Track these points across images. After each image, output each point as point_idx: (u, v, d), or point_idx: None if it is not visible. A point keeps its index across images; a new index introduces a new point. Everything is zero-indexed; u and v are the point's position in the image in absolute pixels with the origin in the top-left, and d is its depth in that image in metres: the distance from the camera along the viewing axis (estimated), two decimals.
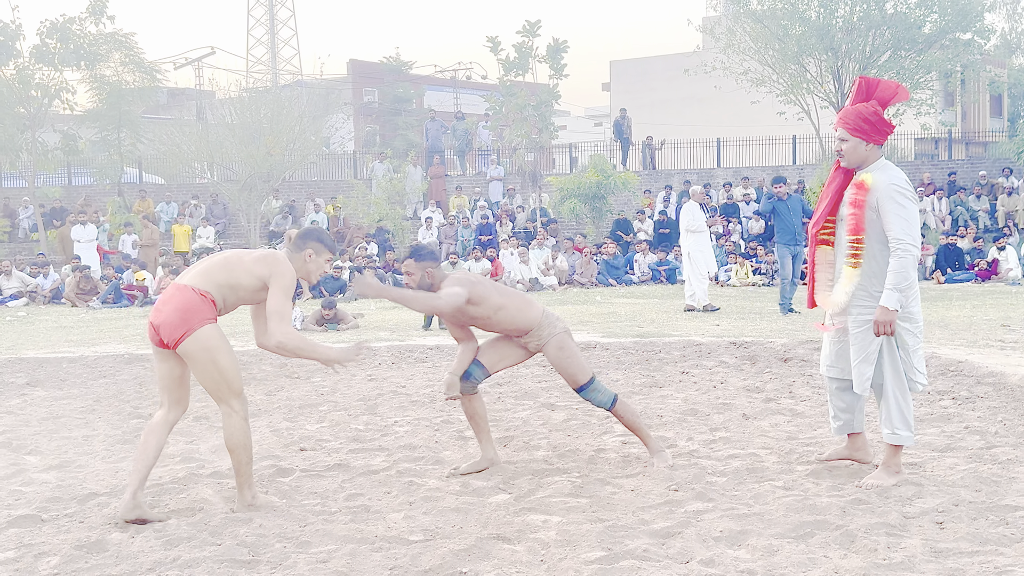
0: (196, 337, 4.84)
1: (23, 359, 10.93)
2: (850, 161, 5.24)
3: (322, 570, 4.17)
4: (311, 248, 5.06)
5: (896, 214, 5.03)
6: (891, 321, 5.01)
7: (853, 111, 5.20)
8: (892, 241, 5.01)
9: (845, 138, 5.20)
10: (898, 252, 4.99)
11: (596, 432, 6.70)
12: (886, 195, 5.04)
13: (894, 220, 5.02)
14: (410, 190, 27.27)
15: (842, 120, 5.23)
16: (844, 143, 5.21)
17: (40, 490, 5.57)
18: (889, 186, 5.06)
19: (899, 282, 4.98)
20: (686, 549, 4.26)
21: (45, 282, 20.80)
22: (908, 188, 5.12)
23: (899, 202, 5.05)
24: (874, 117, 5.14)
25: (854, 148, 5.19)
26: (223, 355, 4.90)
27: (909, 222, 5.03)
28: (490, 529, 4.67)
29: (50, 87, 26.02)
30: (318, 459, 6.16)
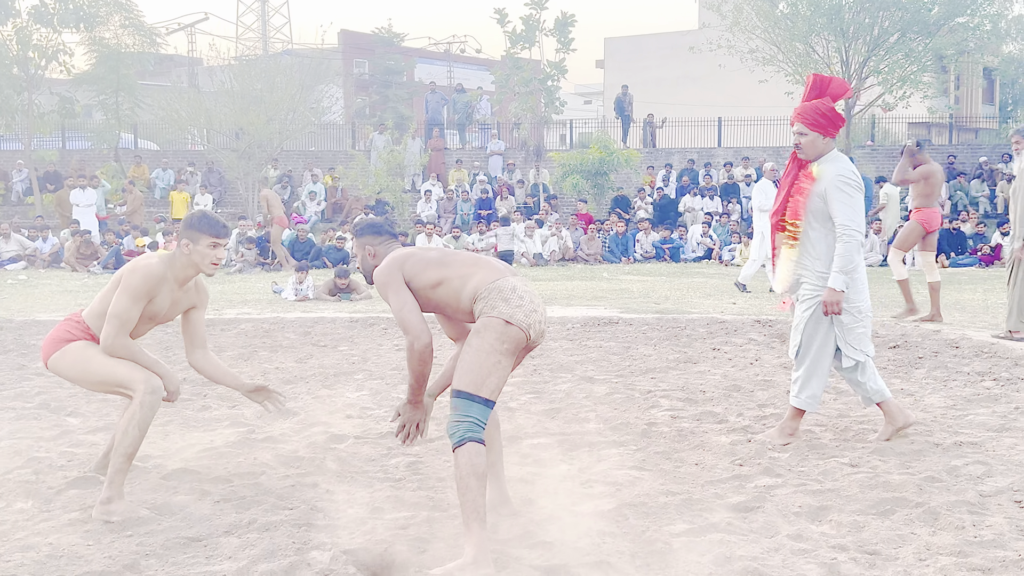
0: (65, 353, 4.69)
1: (39, 321, 10.79)
2: (808, 154, 5.53)
3: (403, 536, 4.11)
4: (186, 238, 4.60)
5: (842, 202, 5.38)
6: (838, 301, 5.37)
7: (811, 107, 5.50)
8: (838, 227, 5.36)
9: (804, 132, 5.50)
10: (844, 237, 5.35)
11: (643, 406, 6.64)
12: (833, 185, 5.38)
13: (840, 208, 5.38)
14: (410, 162, 27.08)
15: (800, 116, 5.52)
16: (803, 137, 5.51)
17: (91, 452, 5.49)
18: (836, 177, 5.40)
19: (844, 265, 5.35)
20: (769, 523, 4.22)
21: (44, 246, 20.58)
22: (855, 178, 5.46)
23: (845, 191, 5.39)
24: (830, 112, 5.49)
25: (812, 142, 5.49)
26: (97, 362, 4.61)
27: (854, 210, 5.39)
28: (560, 499, 4.63)
29: (47, 49, 25.65)
30: (367, 426, 6.09)
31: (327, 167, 28.84)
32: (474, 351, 3.91)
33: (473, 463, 3.82)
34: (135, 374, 4.56)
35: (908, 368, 7.83)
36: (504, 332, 3.92)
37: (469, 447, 3.84)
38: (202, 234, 4.62)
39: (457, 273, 4.08)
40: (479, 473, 3.82)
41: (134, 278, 4.52)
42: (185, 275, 4.71)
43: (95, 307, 4.73)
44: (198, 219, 4.65)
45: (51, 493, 4.73)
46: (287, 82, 26.74)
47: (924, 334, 9.42)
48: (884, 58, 24.15)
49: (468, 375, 3.90)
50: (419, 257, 4.17)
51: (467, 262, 4.16)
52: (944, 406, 6.48)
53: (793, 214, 5.54)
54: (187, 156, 29.30)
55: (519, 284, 4.06)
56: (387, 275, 4.09)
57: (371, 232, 4.39)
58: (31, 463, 5.23)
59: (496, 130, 29.62)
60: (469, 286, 4.05)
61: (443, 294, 4.08)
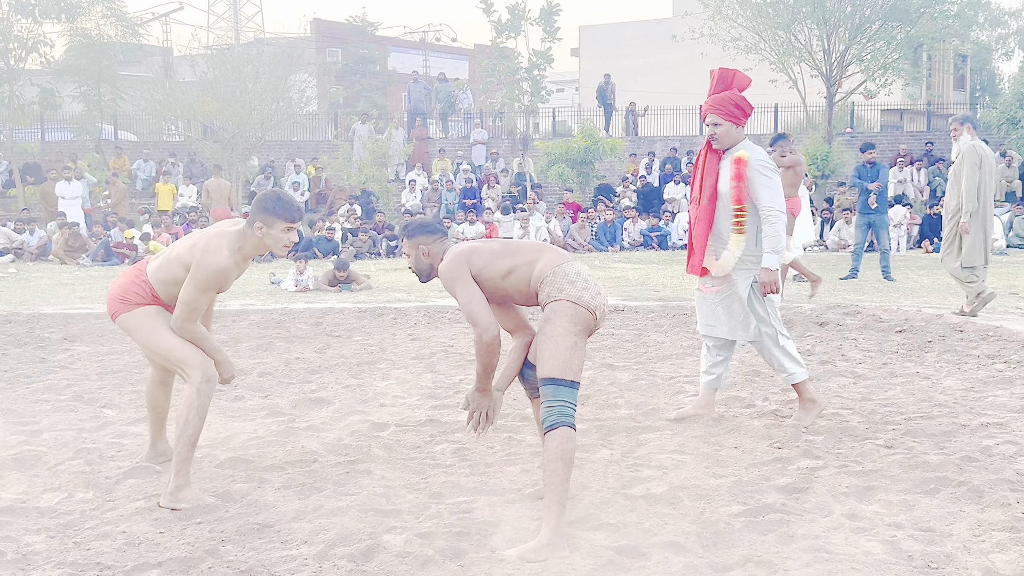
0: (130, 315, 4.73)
1: (46, 315, 10.79)
2: (723, 143, 5.78)
3: (469, 519, 4.21)
4: (259, 221, 4.56)
5: (764, 186, 5.61)
6: (775, 280, 5.63)
7: (723, 99, 5.76)
8: (764, 210, 5.61)
9: (718, 123, 5.74)
10: (770, 219, 5.59)
11: (669, 392, 6.78)
12: (755, 170, 5.63)
13: (763, 191, 5.61)
14: (394, 152, 27.08)
15: (714, 107, 5.77)
16: (718, 127, 5.75)
17: (137, 442, 5.55)
18: (757, 162, 5.64)
19: (775, 245, 5.59)
20: (821, 504, 4.35)
21: (31, 239, 20.46)
22: (771, 163, 5.73)
23: (766, 175, 5.64)
24: (742, 102, 5.76)
25: (727, 132, 5.75)
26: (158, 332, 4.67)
27: (776, 192, 5.64)
28: (610, 483, 4.75)
29: (28, 40, 25.43)
30: (404, 414, 6.18)
31: (310, 157, 28.81)
32: (550, 337, 4.02)
33: (564, 448, 3.93)
34: (193, 359, 4.62)
35: (919, 352, 8.01)
36: (574, 313, 4.05)
37: (561, 431, 3.96)
38: (277, 219, 4.58)
39: (524, 260, 4.20)
40: (568, 458, 3.93)
41: (205, 273, 4.50)
42: (253, 254, 4.74)
43: (161, 273, 4.70)
44: (273, 203, 4.57)
45: (110, 483, 4.80)
46: (268, 71, 26.63)
47: (927, 318, 9.62)
48: (866, 46, 24.38)
49: (550, 361, 4.00)
50: (484, 250, 4.26)
51: (531, 249, 4.29)
52: (963, 388, 6.65)
53: (737, 199, 5.69)
54: (168, 147, 29.16)
55: (583, 268, 4.19)
56: (454, 270, 4.17)
57: (423, 232, 4.46)
58: (81, 454, 5.29)
59: (479, 119, 29.66)
60: (536, 270, 4.16)
61: (514, 281, 4.19)
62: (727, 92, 5.81)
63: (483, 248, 4.28)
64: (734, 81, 5.85)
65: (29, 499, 4.56)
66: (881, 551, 3.79)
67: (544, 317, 4.09)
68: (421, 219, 4.57)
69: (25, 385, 7.07)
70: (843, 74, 24.79)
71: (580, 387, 4.21)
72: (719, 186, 5.78)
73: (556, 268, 4.13)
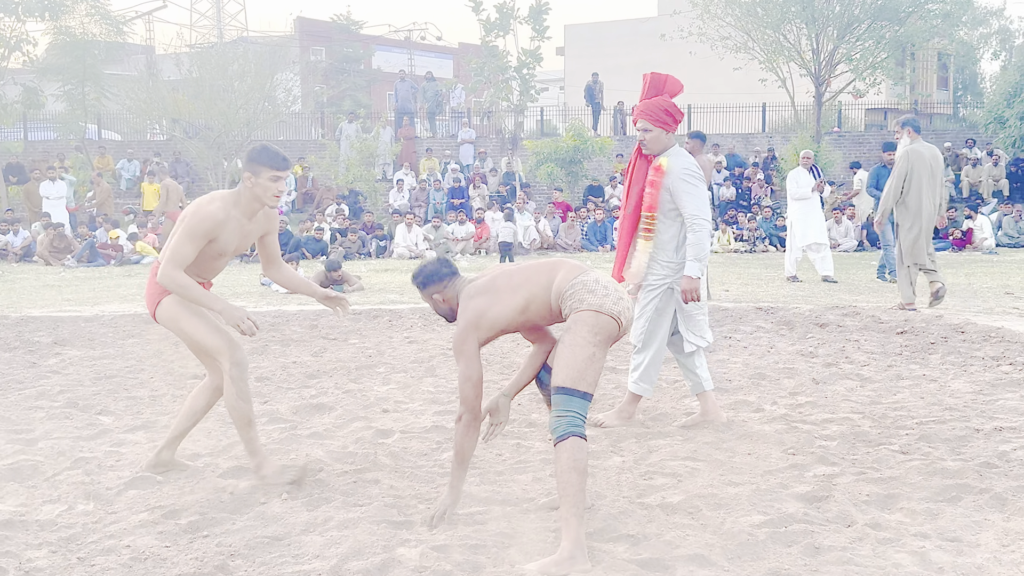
0: (160, 309, 4.81)
1: (34, 318, 10.62)
2: (653, 148, 5.77)
3: (484, 531, 4.10)
4: (248, 171, 4.64)
5: (689, 194, 5.62)
6: (696, 288, 5.63)
7: (655, 105, 5.74)
8: (689, 217, 5.61)
9: (648, 128, 5.73)
10: (695, 227, 5.61)
11: (674, 396, 6.69)
12: (679, 177, 5.63)
13: (688, 199, 5.62)
14: (382, 152, 26.92)
15: (644, 113, 5.75)
16: (648, 133, 5.75)
17: (136, 451, 5.42)
18: (682, 170, 5.65)
19: (699, 253, 5.61)
20: (843, 513, 4.26)
21: (15, 239, 20.21)
22: (698, 171, 5.75)
23: (691, 183, 5.65)
24: (672, 108, 5.75)
25: (656, 137, 5.74)
26: (185, 320, 4.75)
27: (701, 200, 5.66)
28: (625, 491, 4.65)
29: (11, 39, 25.16)
30: (408, 421, 6.06)
31: (297, 157, 28.60)
32: (568, 347, 3.94)
33: (575, 458, 3.83)
34: (221, 346, 4.74)
35: (923, 354, 7.94)
36: (596, 323, 3.95)
37: (571, 442, 3.86)
38: (263, 167, 4.62)
39: (540, 285, 4.11)
40: (580, 468, 3.83)
41: (194, 220, 4.58)
42: (251, 208, 4.75)
43: (165, 252, 4.72)
44: (258, 152, 4.65)
45: (111, 494, 4.67)
46: (255, 70, 26.42)
47: (927, 319, 9.55)
48: (855, 45, 24.37)
49: (565, 370, 3.92)
50: (498, 292, 4.14)
51: (545, 270, 4.18)
52: (971, 391, 6.58)
53: (650, 207, 5.72)
54: (152, 147, 28.91)
55: (601, 276, 4.10)
56: (462, 343, 4.11)
57: (433, 281, 4.35)
58: (79, 464, 5.16)
59: (467, 118, 29.52)
60: (553, 290, 4.08)
61: (534, 311, 4.12)
62: (658, 98, 5.79)
63: (496, 289, 4.15)
64: (665, 87, 5.84)
65: (28, 512, 4.43)
66: (911, 563, 3.70)
67: (566, 327, 4.01)
68: (427, 267, 4.40)
69: (17, 391, 6.92)
70: (832, 73, 24.77)
71: None
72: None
73: (573, 281, 4.05)
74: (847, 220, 20.78)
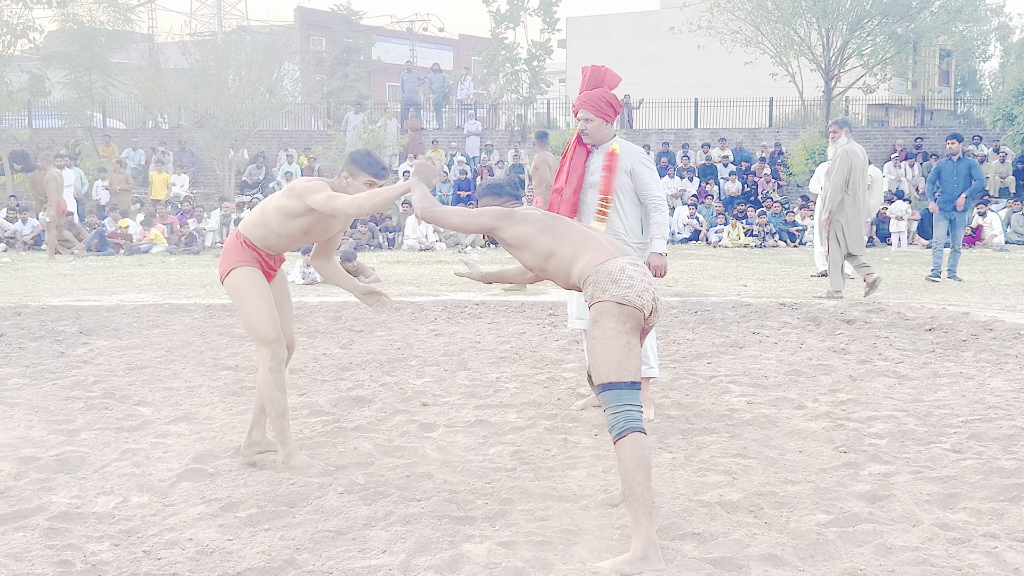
0: (230, 277, 4.96)
1: (54, 307, 10.56)
2: (595, 139, 5.96)
3: (548, 528, 4.06)
4: (346, 171, 4.81)
5: (651, 177, 5.95)
6: (665, 264, 5.97)
7: (597, 96, 5.91)
8: (653, 199, 5.92)
9: (590, 118, 5.91)
10: (661, 207, 5.94)
11: (713, 392, 6.66)
12: (639, 162, 5.93)
13: (650, 182, 5.94)
14: (389, 143, 26.84)
15: (586, 104, 5.92)
16: (589, 123, 5.92)
17: (182, 442, 5.38)
18: (639, 155, 5.98)
19: (665, 231, 5.96)
20: (907, 512, 4.23)
21: (24, 228, 20.13)
22: (649, 157, 6.15)
23: (649, 167, 5.99)
24: (613, 100, 5.95)
25: (598, 127, 5.92)
26: (249, 299, 4.88)
27: (659, 183, 6.02)
28: (681, 488, 4.62)
29: (17, 26, 25.04)
30: (448, 414, 6.03)
31: (302, 147, 28.52)
32: (601, 341, 3.84)
33: (639, 455, 3.75)
34: (267, 336, 4.84)
35: (955, 351, 7.92)
36: (621, 313, 3.85)
37: (631, 438, 3.77)
38: (362, 171, 4.77)
39: (568, 250, 4.05)
40: (645, 464, 3.76)
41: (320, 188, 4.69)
42: None
43: (253, 219, 4.95)
44: (362, 156, 4.81)
45: (164, 486, 4.63)
46: (262, 60, 26.33)
47: (954, 316, 9.53)
48: (866, 40, 24.34)
49: (605, 366, 3.82)
50: (534, 220, 4.11)
51: (576, 240, 4.07)
52: (1012, 389, 6.55)
53: (604, 189, 5.90)
54: (157, 135, 28.80)
55: (627, 264, 3.96)
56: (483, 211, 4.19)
57: (490, 194, 4.43)
58: (126, 455, 5.12)
59: (473, 110, 29.46)
60: (578, 266, 4.02)
61: (554, 266, 4.09)
62: (599, 89, 5.95)
63: (533, 217, 4.13)
64: (605, 79, 5.99)
65: (83, 504, 4.39)
66: (986, 564, 3.67)
67: (591, 320, 3.92)
68: (493, 180, 4.48)
69: (51, 381, 6.87)
70: (842, 68, 24.74)
71: None
72: (591, 180, 5.96)
73: (599, 267, 3.93)
74: None
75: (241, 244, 4.95)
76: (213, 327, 9.13)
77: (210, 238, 20.16)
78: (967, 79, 46.64)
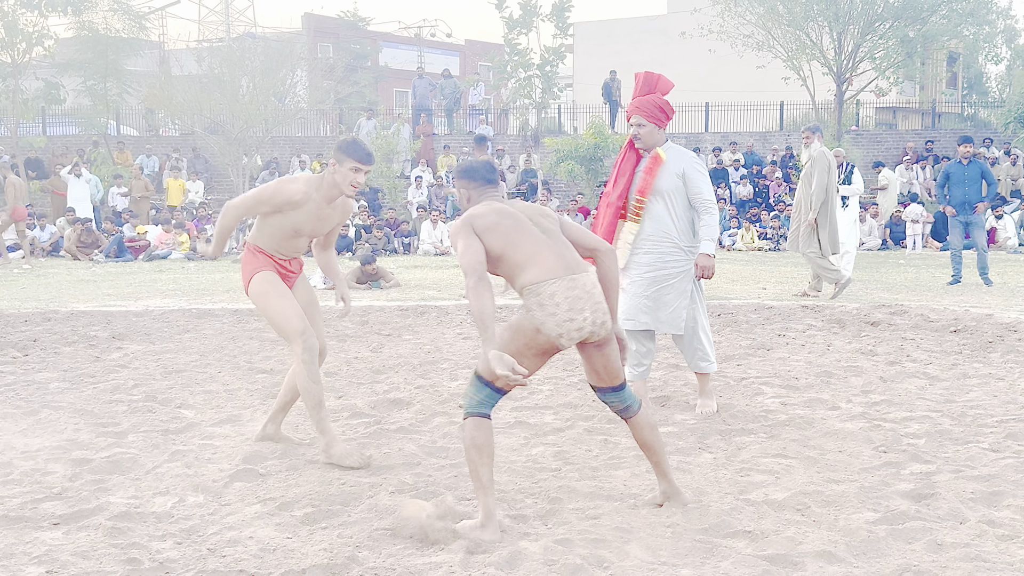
0: (250, 286, 5.17)
1: (84, 312, 10.65)
2: (647, 144, 6.04)
3: (601, 527, 4.14)
4: (333, 158, 4.98)
5: (702, 181, 5.99)
6: (713, 265, 5.98)
7: (649, 101, 6.00)
8: (704, 202, 5.96)
9: (643, 124, 6.00)
10: (711, 210, 5.97)
11: (746, 393, 6.72)
12: (691, 166, 5.99)
13: (702, 185, 5.97)
14: (401, 149, 26.95)
15: (639, 110, 6.01)
16: (642, 128, 6.00)
17: (229, 444, 5.47)
18: (691, 159, 6.05)
19: (714, 233, 6.00)
20: (954, 510, 4.29)
21: (42, 234, 20.25)
22: (701, 160, 6.08)
23: (701, 171, 6.03)
24: (665, 106, 6.04)
25: (650, 132, 6.01)
26: (270, 298, 5.07)
27: (710, 186, 6.04)
28: (725, 488, 4.68)
29: (32, 34, 25.21)
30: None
31: (314, 153, 28.62)
32: (504, 343, 4.03)
33: (472, 435, 4.03)
34: (295, 329, 5.00)
35: (982, 352, 7.98)
36: (533, 339, 4.02)
37: (472, 420, 4.06)
38: (347, 157, 4.93)
39: (516, 258, 4.06)
40: (478, 445, 4.01)
41: (270, 184, 5.07)
42: (331, 194, 5.08)
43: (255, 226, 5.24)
44: (347, 143, 4.99)
45: (218, 487, 4.71)
46: (275, 67, 26.44)
47: (977, 318, 9.59)
48: (878, 43, 24.39)
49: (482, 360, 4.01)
50: (492, 220, 4.10)
51: (528, 249, 4.07)
52: None
53: (641, 190, 5.97)
54: (171, 142, 28.92)
55: (561, 289, 4.00)
56: (457, 232, 4.15)
57: (465, 176, 4.39)
58: (176, 457, 5.20)
59: (485, 115, 29.56)
60: (520, 279, 4.06)
61: (502, 269, 4.13)
62: (652, 95, 6.03)
63: (495, 219, 4.12)
64: (658, 85, 6.06)
65: (142, 504, 4.47)
66: None
67: (516, 318, 4.08)
68: (468, 163, 4.46)
69: (91, 385, 6.96)
70: (854, 72, 24.78)
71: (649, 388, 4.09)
72: (657, 184, 5.99)
73: (535, 286, 4.01)
74: (871, 218, 20.81)
75: (254, 253, 5.16)
76: (243, 331, 9.22)
77: (227, 244, 20.24)
78: (974, 82, 46.62)
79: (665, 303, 6.03)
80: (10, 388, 6.88)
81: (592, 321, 4.04)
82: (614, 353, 4.21)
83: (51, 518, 4.26)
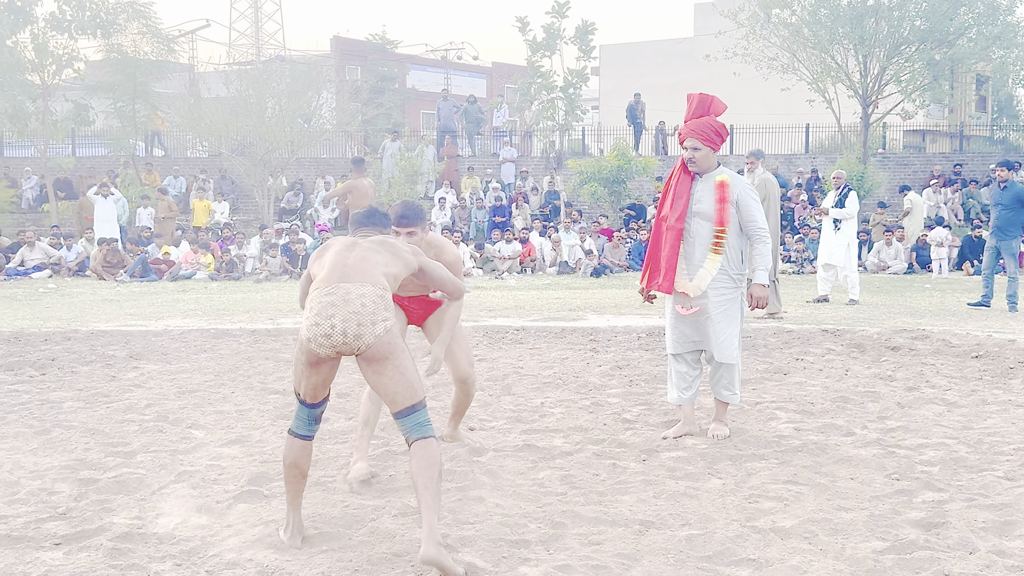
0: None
1: (103, 332, 10.72)
2: (701, 167, 5.94)
3: (602, 553, 4.09)
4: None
5: (755, 208, 5.88)
6: (767, 296, 5.94)
7: (703, 124, 5.91)
8: (757, 230, 5.86)
9: (698, 147, 5.90)
10: (765, 239, 5.88)
11: (760, 418, 6.65)
12: (745, 193, 5.89)
13: (756, 213, 5.88)
14: (426, 170, 27.05)
15: (694, 133, 5.92)
16: (697, 152, 5.91)
17: (236, 465, 5.46)
18: (745, 186, 5.93)
19: (768, 263, 5.93)
20: (964, 540, 4.21)
21: (69, 254, 20.43)
22: (753, 188, 6.06)
23: (754, 198, 5.92)
24: (720, 128, 5.93)
25: (705, 156, 5.91)
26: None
27: (763, 214, 5.93)
28: (733, 514, 4.63)
29: (62, 56, 25.54)
30: (497, 439, 6.07)
31: (339, 174, 28.76)
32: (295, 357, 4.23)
33: (285, 453, 4.25)
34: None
35: (1003, 379, 7.87)
36: (302, 348, 4.11)
37: (288, 438, 4.26)
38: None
39: (317, 274, 4.25)
40: (287, 461, 4.22)
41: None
42: None
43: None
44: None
45: (221, 508, 4.70)
46: (303, 89, 26.64)
47: (1000, 344, 9.46)
48: (905, 66, 24.28)
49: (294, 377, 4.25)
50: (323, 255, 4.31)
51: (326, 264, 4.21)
52: None
53: (719, 221, 5.86)
54: (198, 163, 29.17)
55: (318, 295, 4.08)
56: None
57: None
58: (182, 477, 5.20)
59: (510, 137, 29.63)
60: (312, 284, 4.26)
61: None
62: (706, 117, 5.94)
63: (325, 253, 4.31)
64: (711, 107, 5.97)
65: (144, 524, 4.47)
66: None
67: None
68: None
69: (105, 404, 6.99)
70: (880, 95, 24.67)
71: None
72: (697, 208, 5.91)
73: (312, 291, 4.15)
74: (897, 242, 20.65)
75: None
76: (259, 352, 9.23)
77: (250, 264, 20.36)
78: (1004, 105, 46.28)
79: (717, 331, 5.96)
80: (24, 407, 6.92)
81: (343, 331, 3.97)
82: (388, 374, 4.03)
83: (53, 538, 4.27)
